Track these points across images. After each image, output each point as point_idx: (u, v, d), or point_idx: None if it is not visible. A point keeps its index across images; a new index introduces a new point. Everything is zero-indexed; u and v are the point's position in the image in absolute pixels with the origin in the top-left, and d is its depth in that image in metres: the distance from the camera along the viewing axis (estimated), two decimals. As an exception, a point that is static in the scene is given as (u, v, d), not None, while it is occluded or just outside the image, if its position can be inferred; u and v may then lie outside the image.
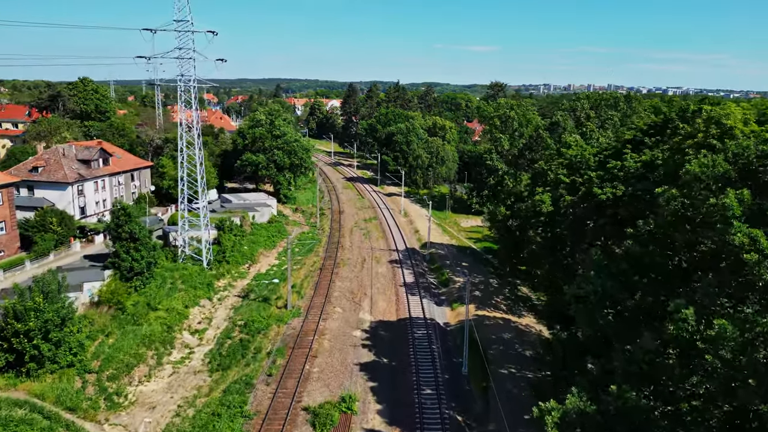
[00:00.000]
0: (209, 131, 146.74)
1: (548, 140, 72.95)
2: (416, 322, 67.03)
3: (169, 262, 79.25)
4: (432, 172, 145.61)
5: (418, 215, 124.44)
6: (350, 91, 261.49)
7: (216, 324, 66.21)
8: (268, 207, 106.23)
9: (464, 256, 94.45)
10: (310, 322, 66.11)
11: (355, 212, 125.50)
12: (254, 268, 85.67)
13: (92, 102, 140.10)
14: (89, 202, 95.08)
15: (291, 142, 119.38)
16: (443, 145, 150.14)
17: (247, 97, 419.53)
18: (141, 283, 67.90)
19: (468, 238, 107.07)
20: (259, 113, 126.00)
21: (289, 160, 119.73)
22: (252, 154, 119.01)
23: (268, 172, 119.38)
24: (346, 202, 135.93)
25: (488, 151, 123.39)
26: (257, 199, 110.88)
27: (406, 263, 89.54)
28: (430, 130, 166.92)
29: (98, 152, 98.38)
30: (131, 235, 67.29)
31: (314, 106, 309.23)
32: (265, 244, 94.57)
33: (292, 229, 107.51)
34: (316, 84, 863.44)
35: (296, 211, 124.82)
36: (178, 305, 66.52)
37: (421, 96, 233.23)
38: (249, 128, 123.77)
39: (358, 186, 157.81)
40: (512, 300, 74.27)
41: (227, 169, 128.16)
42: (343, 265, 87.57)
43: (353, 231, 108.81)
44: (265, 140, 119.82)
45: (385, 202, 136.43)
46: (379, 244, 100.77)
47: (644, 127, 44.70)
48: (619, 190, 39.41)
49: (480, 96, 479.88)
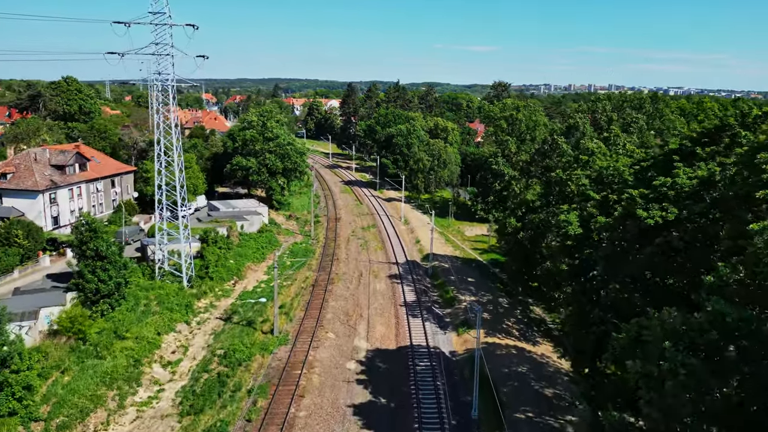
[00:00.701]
0: (200, 133, 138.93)
1: (564, 146, 65.03)
2: (418, 351, 59.13)
3: (146, 279, 71.38)
4: (434, 175, 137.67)
5: (420, 222, 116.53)
6: (349, 90, 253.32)
7: (192, 353, 58.30)
8: (258, 215, 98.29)
9: (470, 270, 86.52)
10: (298, 351, 58.24)
11: (353, 219, 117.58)
12: (240, 285, 77.74)
13: (76, 102, 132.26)
14: (63, 212, 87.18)
15: (284, 145, 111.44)
16: (445, 147, 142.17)
17: (245, 97, 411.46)
18: (108, 306, 59.99)
19: (473, 249, 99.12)
20: (251, 114, 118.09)
21: (282, 164, 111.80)
22: (242, 158, 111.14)
23: (260, 177, 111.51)
24: (344, 207, 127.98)
25: (494, 154, 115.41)
26: (247, 206, 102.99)
27: (407, 278, 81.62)
28: (431, 131, 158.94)
29: (74, 157, 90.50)
30: (97, 252, 59.38)
31: (312, 107, 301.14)
32: (253, 257, 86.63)
33: (284, 239, 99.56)
34: (316, 84, 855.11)
35: (290, 218, 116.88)
36: (149, 332, 58.58)
37: (421, 96, 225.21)
38: (239, 130, 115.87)
39: (357, 190, 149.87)
40: (525, 323, 66.36)
41: (218, 173, 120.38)
42: (338, 280, 79.64)
43: (350, 241, 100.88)
44: (257, 143, 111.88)
45: (385, 208, 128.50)
46: (377, 255, 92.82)
47: (693, 135, 36.88)
48: (671, 213, 31.54)
49: (481, 96, 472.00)
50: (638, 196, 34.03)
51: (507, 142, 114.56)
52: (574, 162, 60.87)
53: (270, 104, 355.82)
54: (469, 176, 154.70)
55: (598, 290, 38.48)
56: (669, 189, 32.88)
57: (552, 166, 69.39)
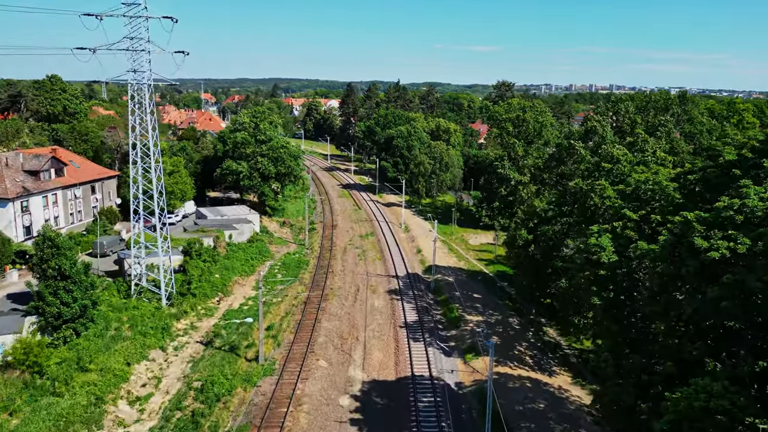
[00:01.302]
0: (191, 134, 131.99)
1: (583, 152, 58.09)
2: (421, 383, 52.25)
3: (120, 297, 64.59)
4: (435, 179, 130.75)
5: (421, 230, 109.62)
6: (349, 90, 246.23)
7: (166, 386, 51.42)
8: (248, 224, 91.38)
9: (475, 284, 79.60)
10: (285, 384, 51.41)
11: (350, 226, 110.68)
12: (226, 302, 70.84)
13: (60, 102, 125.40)
14: (36, 221, 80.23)
15: (277, 148, 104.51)
16: (447, 149, 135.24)
17: (244, 97, 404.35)
18: (72, 332, 53.26)
19: (478, 260, 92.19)
20: (242, 115, 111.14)
21: (275, 168, 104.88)
22: (233, 162, 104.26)
23: (251, 182, 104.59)
24: (341, 213, 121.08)
25: (499, 158, 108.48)
26: (237, 213, 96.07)
27: (408, 294, 74.72)
28: (432, 133, 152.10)
29: (49, 161, 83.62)
30: (60, 271, 52.61)
31: (311, 107, 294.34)
32: (241, 269, 79.74)
33: (276, 249, 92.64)
34: (317, 84, 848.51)
35: (284, 225, 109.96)
36: (117, 362, 51.73)
37: (422, 96, 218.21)
38: (230, 132, 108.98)
39: (355, 194, 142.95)
40: (539, 348, 59.46)
41: (209, 177, 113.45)
42: (333, 297, 72.77)
43: (347, 251, 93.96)
44: (248, 146, 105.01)
45: (384, 214, 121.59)
46: (375, 267, 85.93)
47: (755, 144, 30.08)
48: (742, 245, 24.70)
49: (483, 96, 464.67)
50: (695, 221, 27.15)
51: (513, 144, 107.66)
52: (595, 170, 53.92)
53: (268, 104, 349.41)
54: (473, 180, 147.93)
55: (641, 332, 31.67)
56: (736, 213, 26.01)
57: (568, 174, 62.53)
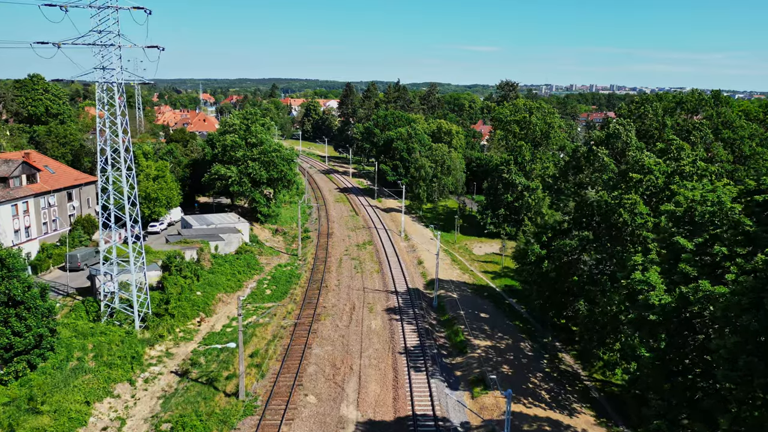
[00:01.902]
0: (180, 136, 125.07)
1: (606, 159, 51.28)
2: (423, 425, 45.39)
3: (89, 320, 57.84)
4: (437, 183, 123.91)
5: (422, 238, 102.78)
6: (347, 90, 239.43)
7: (130, 430, 44.55)
8: (236, 234, 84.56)
9: (482, 301, 72.76)
10: (267, 425, 44.58)
11: (347, 234, 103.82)
12: (207, 324, 64.02)
13: (42, 103, 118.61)
14: (5, 232, 73.38)
15: (269, 151, 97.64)
16: (449, 152, 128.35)
17: (242, 97, 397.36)
18: (26, 365, 46.48)
19: (484, 272, 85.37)
20: (233, 117, 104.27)
21: (266, 173, 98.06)
22: (222, 166, 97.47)
23: (241, 188, 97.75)
24: (337, 220, 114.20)
25: (505, 162, 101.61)
26: (225, 222, 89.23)
27: (408, 313, 67.87)
28: (434, 135, 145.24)
29: (19, 167, 76.74)
30: (10, 297, 45.83)
31: (309, 107, 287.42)
32: (226, 285, 72.89)
33: (266, 260, 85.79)
34: (317, 84, 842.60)
35: (276, 233, 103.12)
36: (75, 401, 44.89)
37: (423, 96, 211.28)
38: (220, 134, 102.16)
39: (353, 199, 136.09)
40: (555, 380, 52.61)
41: (198, 181, 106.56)
42: (326, 317, 65.95)
43: (342, 262, 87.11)
44: (238, 150, 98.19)
45: (383, 221, 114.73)
46: (373, 281, 79.08)
47: None
48: None
49: (484, 96, 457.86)
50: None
51: (520, 148, 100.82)
52: (621, 181, 47.09)
53: (266, 104, 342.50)
54: (476, 184, 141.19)
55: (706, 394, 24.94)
56: None
57: (587, 183, 55.70)
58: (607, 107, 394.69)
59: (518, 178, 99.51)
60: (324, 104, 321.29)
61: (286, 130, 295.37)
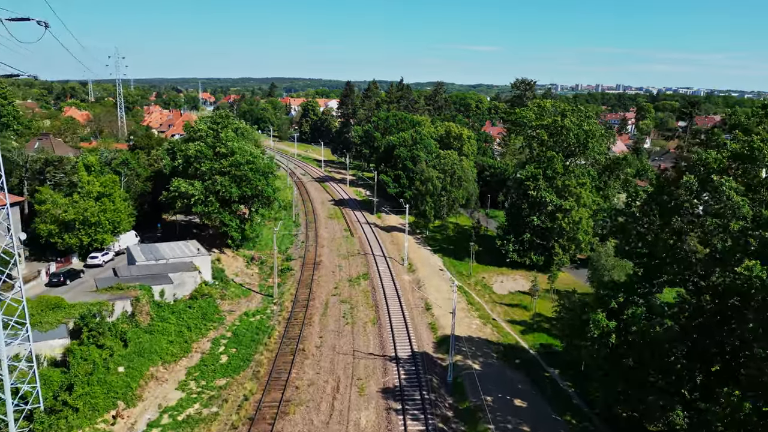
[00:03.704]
0: (144, 142, 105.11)
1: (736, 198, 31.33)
2: None
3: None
4: (446, 197, 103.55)
5: (430, 269, 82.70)
6: (348, 90, 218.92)
7: None
8: (191, 272, 64.56)
9: (513, 374, 52.66)
10: None
11: (338, 264, 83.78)
12: (127, 419, 44.09)
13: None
14: None
15: (241, 164, 77.60)
16: (460, 161, 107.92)
17: (240, 96, 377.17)
18: None
19: (510, 321, 65.27)
20: (199, 122, 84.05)
21: (237, 189, 78.11)
22: (183, 182, 77.56)
23: (207, 208, 77.79)
24: (328, 244, 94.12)
25: (532, 176, 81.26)
26: (180, 254, 69.31)
27: (413, 398, 47.82)
28: (442, 140, 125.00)
29: None
30: None
31: (307, 107, 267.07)
32: (166, 352, 52.96)
33: (230, 306, 65.78)
34: (320, 83, 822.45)
35: (252, 262, 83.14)
36: None
37: (428, 96, 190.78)
38: (183, 142, 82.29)
39: (348, 214, 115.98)
40: None
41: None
42: (297, 405, 46.01)
43: (329, 307, 67.11)
44: (203, 162, 78.30)
45: (383, 244, 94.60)
46: (367, 339, 59.04)
47: None
48: None
49: (490, 96, 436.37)
50: None
51: (552, 159, 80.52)
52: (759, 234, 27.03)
53: (264, 104, 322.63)
54: (489, 196, 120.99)
55: None
56: None
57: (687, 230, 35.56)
58: (619, 107, 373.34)
59: (549, 196, 79.26)
60: (324, 104, 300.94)
61: (282, 132, 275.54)
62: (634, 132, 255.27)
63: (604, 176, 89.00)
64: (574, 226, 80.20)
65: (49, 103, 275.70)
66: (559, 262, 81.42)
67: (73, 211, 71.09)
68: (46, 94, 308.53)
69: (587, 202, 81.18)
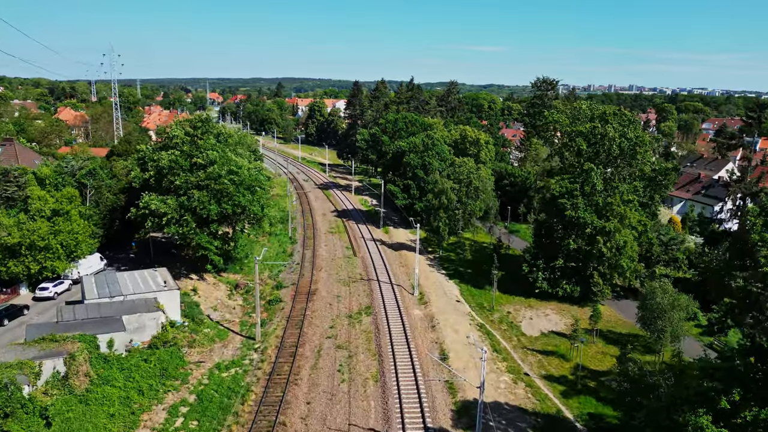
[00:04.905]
0: (123, 149, 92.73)
1: None
2: None
3: None
4: (461, 210, 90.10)
5: (445, 300, 69.41)
6: (355, 90, 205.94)
7: None
8: (152, 313, 51.73)
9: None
10: None
11: (337, 293, 70.70)
12: None
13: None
14: None
15: (220, 176, 64.69)
16: (478, 169, 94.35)
17: (246, 96, 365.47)
18: None
19: (545, 378, 51.85)
20: (173, 128, 71.14)
21: (217, 207, 65.22)
22: (155, 198, 64.82)
23: (182, 228, 64.97)
24: (327, 266, 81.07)
25: (568, 192, 67.64)
26: (143, 288, 56.47)
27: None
28: (456, 144, 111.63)
29: None
30: None
31: (314, 108, 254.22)
32: (105, 428, 40.05)
33: (199, 356, 52.83)
34: (329, 83, 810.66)
35: (236, 290, 70.30)
36: None
37: (441, 97, 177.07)
38: (154, 151, 69.54)
39: (351, 228, 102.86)
40: None
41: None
42: None
43: (322, 355, 54.03)
44: (178, 174, 65.54)
45: (389, 266, 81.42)
46: (367, 407, 45.86)
47: None
48: None
49: (502, 95, 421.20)
50: None
51: (589, 173, 66.88)
52: None
53: (270, 104, 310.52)
54: (509, 208, 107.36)
55: None
56: None
57: None
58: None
59: (589, 216, 65.64)
60: (332, 104, 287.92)
61: (288, 133, 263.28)
62: (656, 134, 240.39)
63: (649, 189, 75.28)
64: (617, 251, 66.61)
65: (49, 103, 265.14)
66: (599, 293, 67.88)
67: (18, 234, 58.72)
68: (47, 94, 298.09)
69: (633, 223, 67.57)
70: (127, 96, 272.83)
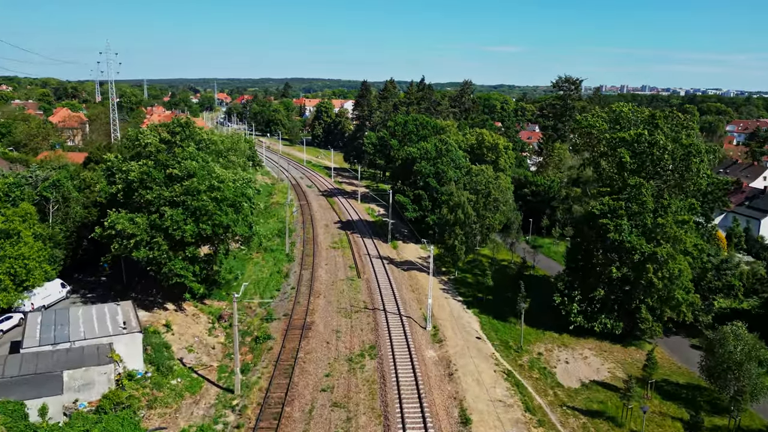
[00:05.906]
0: (102, 154, 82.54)
1: None
2: None
3: None
4: (479, 225, 79.09)
5: (463, 336, 58.46)
6: (363, 90, 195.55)
7: None
8: (102, 366, 41.26)
9: None
10: None
11: (337, 326, 60.01)
12: None
13: None
14: None
15: (199, 191, 54.16)
16: (497, 178, 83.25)
17: (252, 96, 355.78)
18: None
19: (595, 452, 40.79)
20: (146, 134, 60.56)
21: (194, 227, 54.72)
22: (123, 216, 54.49)
23: (153, 252, 54.55)
24: (326, 291, 70.38)
25: (611, 210, 56.45)
26: (99, 330, 46.03)
27: None
28: (473, 150, 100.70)
29: None
30: None
31: (321, 108, 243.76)
32: None
33: (160, 419, 42.25)
34: (338, 84, 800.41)
35: (218, 322, 59.79)
36: None
37: (453, 98, 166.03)
38: (123, 161, 59.15)
39: (357, 242, 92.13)
40: None
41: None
42: None
43: (314, 418, 43.33)
44: (150, 187, 55.17)
45: (398, 291, 70.58)
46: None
47: None
48: None
49: (514, 96, 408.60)
50: None
51: (638, 189, 55.65)
52: None
53: (276, 105, 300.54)
54: (531, 221, 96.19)
55: None
56: None
57: None
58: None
59: (637, 240, 54.43)
60: (340, 105, 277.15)
61: (293, 135, 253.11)
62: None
63: (704, 207, 63.98)
64: (669, 281, 55.37)
65: (51, 103, 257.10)
66: (647, 330, 56.70)
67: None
68: (49, 94, 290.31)
69: (689, 247, 56.26)
70: (129, 96, 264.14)
